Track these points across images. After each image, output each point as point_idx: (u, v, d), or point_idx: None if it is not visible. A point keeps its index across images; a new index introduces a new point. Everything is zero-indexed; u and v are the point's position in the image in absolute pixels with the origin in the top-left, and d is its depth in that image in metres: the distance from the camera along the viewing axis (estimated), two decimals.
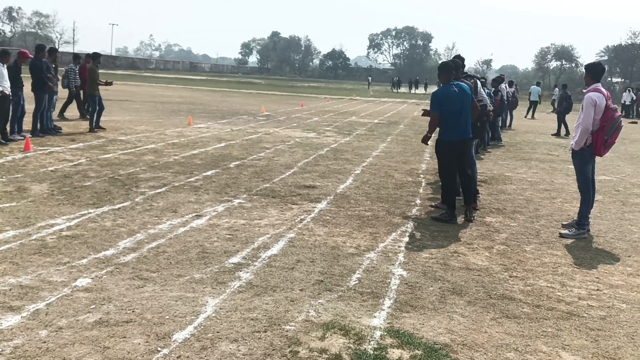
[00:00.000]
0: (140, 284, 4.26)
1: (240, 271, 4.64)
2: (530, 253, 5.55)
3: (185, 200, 6.93)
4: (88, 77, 13.32)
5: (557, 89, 38.74)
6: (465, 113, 6.60)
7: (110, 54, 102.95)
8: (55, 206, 6.35)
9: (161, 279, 4.40)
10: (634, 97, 33.52)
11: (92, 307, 3.81)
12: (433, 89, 53.13)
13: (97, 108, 13.00)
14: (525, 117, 26.46)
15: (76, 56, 15.98)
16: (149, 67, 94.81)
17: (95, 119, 13.03)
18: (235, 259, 4.92)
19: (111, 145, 10.97)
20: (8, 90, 10.43)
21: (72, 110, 15.78)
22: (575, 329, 3.86)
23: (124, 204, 6.60)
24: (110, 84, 13.73)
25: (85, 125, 13.46)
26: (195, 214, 6.36)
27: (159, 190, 7.38)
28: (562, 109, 18.67)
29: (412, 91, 62.51)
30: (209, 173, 8.74)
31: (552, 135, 18.65)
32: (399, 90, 62.46)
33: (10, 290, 4.01)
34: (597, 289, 4.67)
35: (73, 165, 8.72)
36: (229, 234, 5.65)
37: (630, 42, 77.26)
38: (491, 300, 4.30)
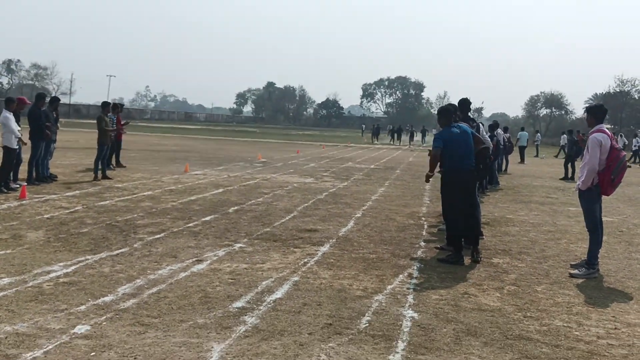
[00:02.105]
0: (142, 330, 4.08)
1: (245, 315, 4.47)
2: (542, 293, 5.41)
3: (185, 246, 6.78)
4: (97, 126, 13.30)
5: (539, 134, 39.71)
6: (469, 151, 6.63)
7: None
8: (52, 253, 6.18)
9: (163, 324, 4.22)
10: (626, 142, 33.99)
11: (92, 354, 3.63)
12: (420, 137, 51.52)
13: (106, 157, 13.03)
14: (519, 162, 26.62)
15: (115, 106, 15.96)
16: (144, 117, 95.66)
17: (100, 167, 12.95)
18: (239, 303, 4.75)
19: (108, 193, 10.86)
20: (18, 135, 10.53)
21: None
22: None
23: (122, 250, 6.44)
24: (125, 124, 13.70)
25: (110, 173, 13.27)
26: (196, 258, 6.20)
27: (158, 236, 7.23)
28: (573, 153, 19.00)
29: (394, 142, 47.90)
30: (207, 218, 8.61)
31: (560, 179, 18.68)
32: (377, 142, 47.92)
33: (6, 338, 3.82)
34: (615, 328, 4.52)
35: (69, 213, 8.58)
36: (232, 278, 5.49)
37: (618, 90, 78.77)
38: (508, 340, 4.13)
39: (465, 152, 6.62)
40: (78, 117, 77.82)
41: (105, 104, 13.90)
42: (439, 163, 6.76)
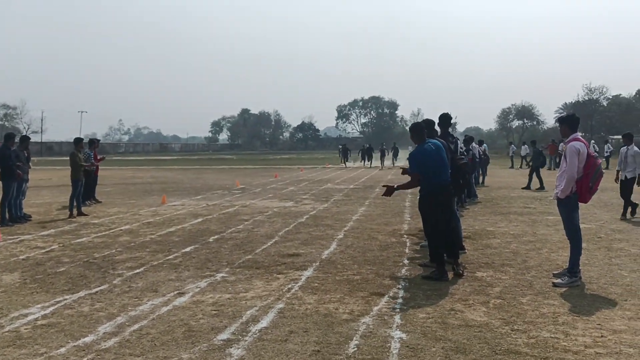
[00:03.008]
0: None
1: (231, 347, 4.38)
2: (527, 305, 5.41)
3: (166, 279, 6.65)
4: (70, 163, 13.11)
5: (513, 145, 40.04)
6: (445, 166, 6.67)
7: None
8: (29, 295, 6.01)
9: None
10: (597, 149, 34.68)
11: None
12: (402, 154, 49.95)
13: (80, 193, 12.79)
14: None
15: (91, 141, 15.83)
16: (119, 151, 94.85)
17: (75, 204, 12.71)
18: (224, 335, 4.66)
19: (84, 229, 10.65)
20: None
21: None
22: None
23: (101, 288, 6.29)
24: (101, 160, 13.48)
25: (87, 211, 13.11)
26: (177, 291, 6.09)
27: (137, 271, 7.09)
28: (539, 164, 19.18)
29: (365, 163, 42.53)
30: (187, 249, 8.48)
31: (522, 188, 18.87)
32: (347, 164, 42.24)
33: None
34: (602, 336, 4.53)
35: (45, 252, 8.38)
36: (215, 310, 5.39)
37: (587, 98, 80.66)
38: (497, 356, 4.10)
39: (440, 168, 6.64)
40: (51, 154, 76.93)
41: (77, 140, 13.70)
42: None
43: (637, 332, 4.61)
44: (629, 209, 11.51)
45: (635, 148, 11.47)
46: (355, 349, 4.30)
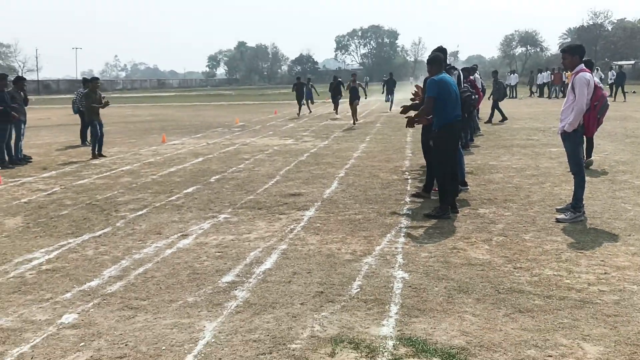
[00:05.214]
0: (131, 314, 3.99)
1: (235, 290, 4.41)
2: (530, 242, 5.41)
3: (169, 221, 6.66)
4: (85, 103, 12.83)
5: (514, 74, 38.43)
6: (458, 102, 6.51)
7: (76, 78, 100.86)
8: (32, 239, 6.02)
9: (152, 306, 4.13)
10: (602, 76, 33.96)
11: (81, 344, 3.54)
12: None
13: (98, 134, 12.56)
14: None
15: (85, 80, 15.39)
16: (116, 88, 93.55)
17: (97, 146, 12.56)
18: (228, 278, 4.68)
19: (85, 171, 10.61)
20: None
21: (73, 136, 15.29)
22: (592, 317, 3.70)
23: (105, 230, 6.30)
24: (106, 104, 13.04)
25: (78, 153, 13.02)
26: (181, 233, 6.10)
27: (140, 213, 7.09)
28: (501, 96, 18.48)
29: (335, 108, 24.52)
30: (189, 190, 8.46)
31: (485, 122, 18.02)
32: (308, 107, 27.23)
33: None
34: (605, 273, 4.54)
35: (47, 195, 8.37)
36: (219, 252, 5.40)
37: (592, 23, 78.58)
38: (500, 295, 4.13)
39: (456, 102, 6.46)
40: (48, 92, 75.92)
41: (92, 80, 13.23)
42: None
43: None
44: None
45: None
46: (358, 289, 4.33)
